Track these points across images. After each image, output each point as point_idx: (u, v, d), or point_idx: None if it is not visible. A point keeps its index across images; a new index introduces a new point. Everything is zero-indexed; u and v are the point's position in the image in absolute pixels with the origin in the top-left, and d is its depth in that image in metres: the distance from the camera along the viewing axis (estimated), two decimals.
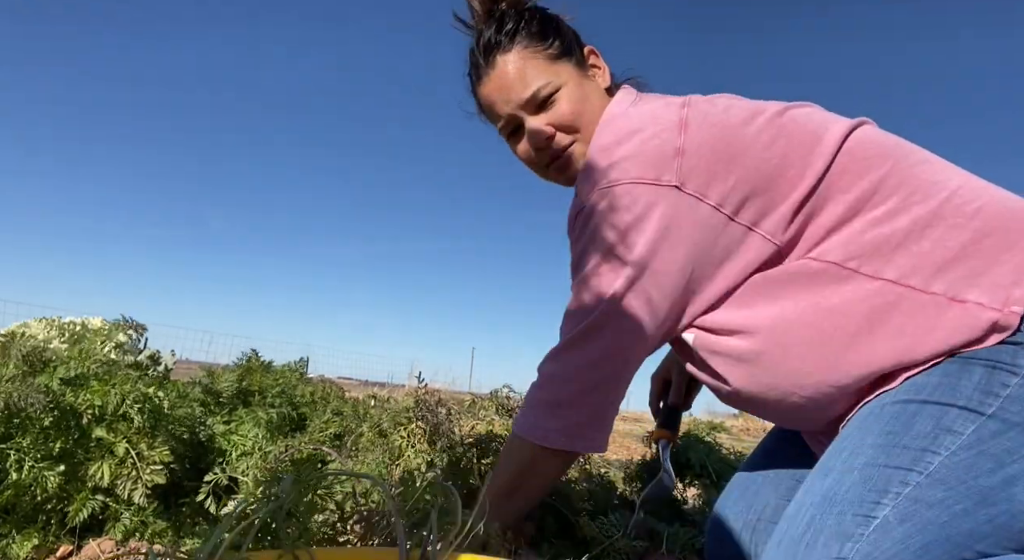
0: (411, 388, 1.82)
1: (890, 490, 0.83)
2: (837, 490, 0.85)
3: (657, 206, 0.97)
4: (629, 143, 1.01)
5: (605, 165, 1.02)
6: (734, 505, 1.23)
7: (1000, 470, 0.81)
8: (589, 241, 1.03)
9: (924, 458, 0.83)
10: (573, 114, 1.12)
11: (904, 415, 0.88)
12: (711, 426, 2.83)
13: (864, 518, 0.81)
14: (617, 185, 0.99)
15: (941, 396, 0.87)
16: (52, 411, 1.15)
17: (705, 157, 0.98)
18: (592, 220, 1.02)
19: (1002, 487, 0.81)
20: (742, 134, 0.99)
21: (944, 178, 0.96)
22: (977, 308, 0.88)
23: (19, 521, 1.14)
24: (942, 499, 0.81)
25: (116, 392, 1.19)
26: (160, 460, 1.16)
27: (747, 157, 0.98)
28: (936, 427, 0.85)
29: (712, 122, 1.00)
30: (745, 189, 0.98)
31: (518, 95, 1.13)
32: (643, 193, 0.98)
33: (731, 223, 0.99)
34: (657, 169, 0.98)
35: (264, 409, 1.53)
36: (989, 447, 0.83)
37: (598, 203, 1.01)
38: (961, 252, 0.91)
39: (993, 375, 0.86)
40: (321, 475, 1.01)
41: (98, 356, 1.33)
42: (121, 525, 1.18)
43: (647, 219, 0.98)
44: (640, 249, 0.98)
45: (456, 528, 0.92)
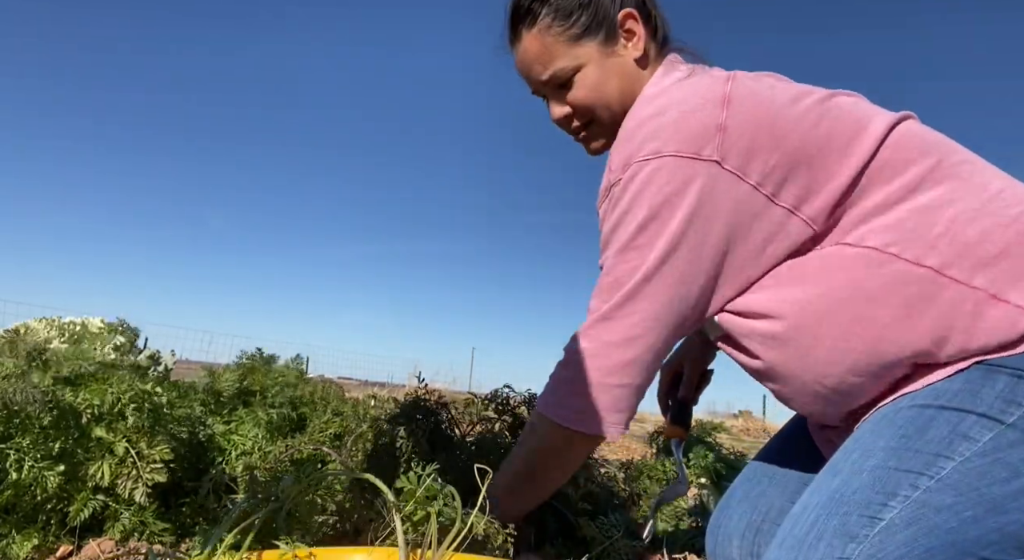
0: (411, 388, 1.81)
1: (899, 493, 0.81)
2: (844, 491, 0.84)
3: (695, 181, 0.94)
4: (668, 116, 0.98)
5: (642, 137, 0.98)
6: (738, 505, 1.22)
7: (1015, 480, 0.80)
8: (623, 214, 0.99)
9: (937, 463, 0.82)
10: (588, 99, 1.11)
11: (920, 419, 0.86)
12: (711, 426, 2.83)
13: (870, 520, 0.80)
14: (655, 158, 0.96)
15: (961, 402, 0.85)
16: (51, 411, 1.15)
17: (747, 135, 0.95)
18: (626, 193, 0.98)
19: (1015, 497, 0.80)
20: (787, 114, 0.96)
21: (986, 180, 0.94)
22: (1017, 311, 0.85)
23: (19, 521, 1.14)
24: (951, 505, 0.80)
25: (114, 391, 1.19)
26: (160, 458, 1.16)
27: (790, 138, 0.95)
28: (952, 433, 0.83)
29: (757, 100, 0.97)
30: (786, 171, 0.95)
31: (538, 76, 1.13)
32: (681, 167, 0.95)
33: (771, 205, 0.96)
34: (697, 143, 0.94)
35: (264, 409, 1.53)
36: (1006, 456, 0.81)
37: (634, 176, 0.97)
38: (1006, 249, 0.87)
39: (1019, 385, 0.83)
40: (321, 475, 1.01)
41: (97, 356, 1.33)
42: (120, 525, 1.18)
43: (684, 194, 0.95)
44: (676, 224, 0.95)
45: (456, 528, 0.92)
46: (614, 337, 1.01)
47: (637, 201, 0.97)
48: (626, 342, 1.00)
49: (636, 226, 0.98)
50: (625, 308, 1.00)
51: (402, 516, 0.90)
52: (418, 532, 0.90)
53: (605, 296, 1.02)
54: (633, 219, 0.98)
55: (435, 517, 0.89)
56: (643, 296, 0.99)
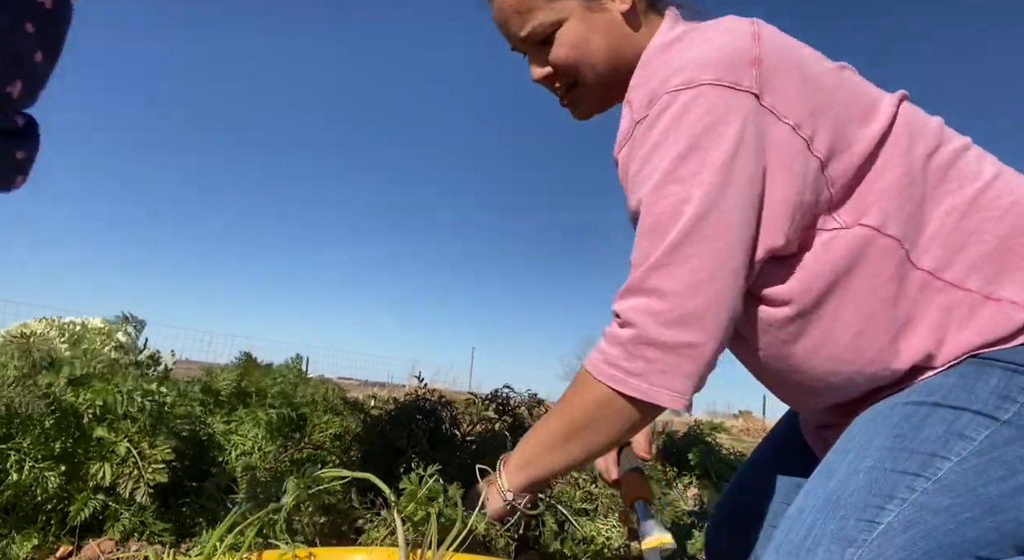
0: (411, 388, 1.81)
1: (896, 496, 0.80)
2: (841, 494, 0.83)
3: (738, 111, 0.85)
4: (697, 49, 0.89)
5: (669, 71, 0.89)
6: (735, 506, 1.22)
7: (1012, 478, 0.80)
8: (654, 147, 0.88)
9: (933, 463, 0.81)
10: (570, 57, 1.01)
11: (915, 417, 0.85)
12: (711, 426, 2.83)
13: (868, 524, 0.79)
14: (689, 87, 0.86)
15: (955, 399, 0.84)
16: (53, 412, 1.15)
17: (780, 73, 0.88)
18: (657, 125, 0.88)
19: (1012, 495, 0.79)
20: (813, 67, 0.91)
21: (979, 167, 0.93)
22: (1011, 307, 0.85)
23: (19, 521, 1.14)
24: (949, 506, 0.79)
25: (118, 391, 1.19)
26: (162, 458, 1.16)
27: (819, 92, 0.89)
28: (947, 431, 0.82)
29: (786, 43, 0.92)
30: (815, 122, 0.88)
31: (515, 31, 1.04)
32: (722, 95, 0.85)
33: (808, 152, 0.88)
34: (735, 73, 0.85)
35: (264, 409, 1.53)
36: (1002, 454, 0.80)
37: (666, 107, 0.87)
38: (999, 246, 0.87)
39: (1013, 379, 0.83)
40: (321, 475, 1.01)
41: (101, 356, 1.33)
42: (120, 525, 1.18)
43: (728, 122, 0.84)
44: (722, 155, 0.84)
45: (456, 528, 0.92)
46: (676, 284, 0.85)
47: (673, 131, 0.86)
48: (692, 289, 0.85)
49: (676, 156, 0.85)
50: (681, 250, 0.85)
51: (402, 516, 0.90)
52: (418, 532, 0.90)
53: (650, 240, 0.87)
54: (671, 150, 0.86)
55: (435, 517, 0.89)
56: (701, 236, 0.85)
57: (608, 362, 0.90)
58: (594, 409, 0.93)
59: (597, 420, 0.93)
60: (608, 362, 0.90)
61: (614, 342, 0.90)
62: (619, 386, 0.89)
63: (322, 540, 1.04)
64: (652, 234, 0.87)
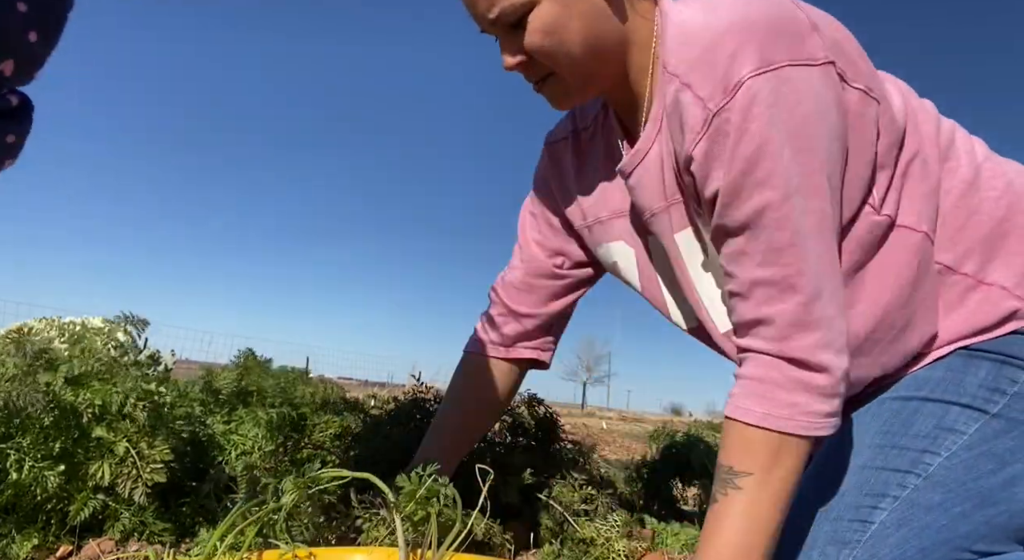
0: (411, 388, 1.81)
1: (888, 494, 0.80)
2: (832, 493, 0.83)
3: (823, 92, 0.78)
4: (749, 22, 0.78)
5: (730, 51, 0.77)
6: None
7: (1002, 470, 0.79)
8: (761, 148, 0.77)
9: (923, 459, 0.81)
10: (544, 45, 0.88)
11: (904, 413, 0.84)
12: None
13: (861, 524, 0.79)
14: (768, 70, 0.76)
15: (943, 393, 0.83)
16: (52, 411, 1.15)
17: (830, 35, 0.81)
18: (751, 121, 0.77)
19: (1003, 487, 0.79)
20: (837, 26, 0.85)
21: (971, 146, 0.91)
22: (1000, 293, 0.83)
23: (19, 521, 1.14)
24: (940, 502, 0.79)
25: (119, 390, 1.19)
26: (160, 458, 1.16)
27: (857, 53, 0.84)
28: (936, 427, 0.82)
29: (818, 11, 0.85)
30: (875, 86, 0.83)
31: (483, 14, 0.90)
32: (805, 78, 0.77)
33: (876, 119, 0.82)
34: (805, 46, 0.78)
35: (264, 409, 1.53)
36: (992, 447, 0.80)
37: (753, 99, 0.76)
38: (995, 229, 0.85)
39: (1001, 370, 0.82)
40: (321, 475, 1.01)
41: (100, 355, 1.33)
42: (120, 525, 1.18)
43: (821, 111, 0.77)
44: (824, 149, 0.78)
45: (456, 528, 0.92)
46: (838, 306, 0.79)
47: (773, 128, 0.77)
48: (843, 313, 0.80)
49: (789, 162, 0.78)
50: (833, 263, 0.79)
51: (402, 516, 0.90)
52: (418, 532, 0.90)
53: (796, 257, 0.78)
54: (780, 153, 0.77)
55: (435, 517, 0.89)
56: (835, 250, 0.80)
57: (810, 413, 0.77)
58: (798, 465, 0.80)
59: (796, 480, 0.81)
60: (810, 413, 0.77)
61: (814, 393, 0.77)
62: (816, 431, 0.77)
63: (322, 540, 1.04)
64: (792, 250, 0.78)
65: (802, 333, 0.77)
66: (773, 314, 0.78)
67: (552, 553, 1.29)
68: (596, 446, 1.72)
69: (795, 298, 0.77)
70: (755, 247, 0.79)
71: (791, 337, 0.78)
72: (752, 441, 0.78)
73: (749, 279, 0.80)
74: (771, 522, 0.77)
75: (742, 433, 0.79)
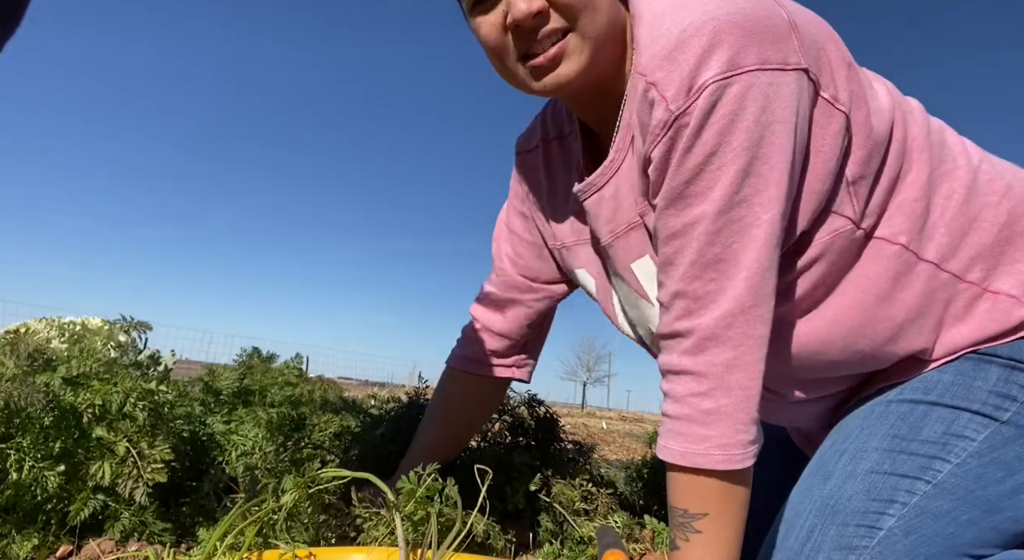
0: (411, 388, 1.82)
1: (896, 500, 0.79)
2: (839, 497, 0.82)
3: (789, 100, 0.74)
4: (725, 16, 0.73)
5: (701, 48, 0.73)
6: None
7: (1010, 478, 0.79)
8: (709, 157, 0.75)
9: (932, 466, 0.80)
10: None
11: (912, 417, 0.83)
12: None
13: (868, 529, 0.79)
14: (735, 73, 0.72)
15: (953, 398, 0.82)
16: (52, 411, 1.15)
17: (812, 35, 0.77)
18: (710, 127, 0.74)
19: (1009, 495, 0.79)
20: (820, 26, 0.82)
21: (964, 147, 0.89)
22: (1009, 301, 0.82)
23: (19, 521, 1.14)
24: (949, 510, 0.78)
25: (119, 390, 1.19)
26: (161, 458, 1.16)
27: (839, 56, 0.80)
28: (946, 432, 0.81)
29: (803, 9, 0.81)
30: (850, 93, 0.80)
31: None
32: (772, 83, 0.73)
33: (845, 131, 0.79)
34: (780, 49, 0.74)
35: (264, 409, 1.53)
36: (1001, 455, 0.79)
37: (714, 103, 0.73)
38: (998, 235, 0.83)
39: (1012, 376, 0.81)
40: (321, 475, 1.01)
41: (99, 355, 1.33)
42: (120, 525, 1.17)
43: (783, 120, 0.74)
44: (781, 163, 0.74)
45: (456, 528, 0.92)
46: (764, 327, 0.77)
47: (729, 137, 0.74)
48: (770, 328, 0.78)
49: (737, 172, 0.74)
50: (766, 284, 0.76)
51: (402, 516, 0.90)
52: (418, 532, 0.90)
53: (724, 274, 0.76)
54: (730, 163, 0.74)
55: (435, 517, 0.89)
56: (774, 263, 0.77)
57: (730, 444, 0.77)
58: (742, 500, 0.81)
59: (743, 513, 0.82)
60: (730, 444, 0.77)
61: (714, 415, 0.77)
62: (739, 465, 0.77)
63: (322, 540, 1.04)
64: (720, 265, 0.76)
65: (717, 348, 0.76)
66: (691, 327, 0.77)
67: (552, 553, 1.29)
68: (596, 446, 1.72)
69: (714, 313, 0.76)
70: (682, 258, 0.78)
71: (705, 351, 0.77)
72: (697, 482, 0.78)
73: (673, 290, 0.79)
74: (733, 548, 0.78)
75: (680, 476, 0.80)
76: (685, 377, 0.79)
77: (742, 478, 0.78)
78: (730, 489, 0.77)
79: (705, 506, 0.77)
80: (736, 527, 0.78)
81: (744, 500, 0.79)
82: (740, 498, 0.78)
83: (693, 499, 0.78)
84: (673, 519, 0.81)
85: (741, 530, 0.79)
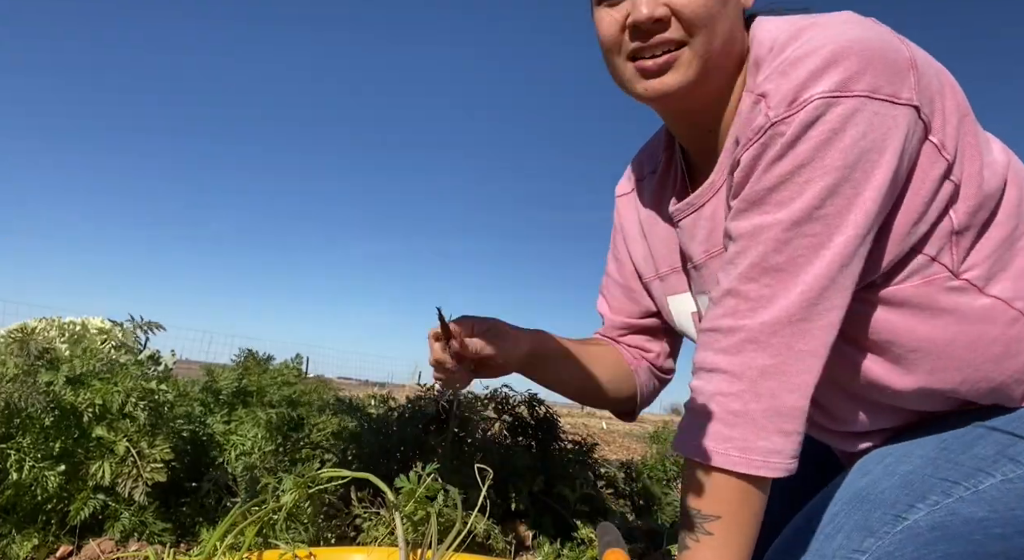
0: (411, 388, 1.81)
1: (929, 497, 0.79)
2: (872, 490, 0.81)
3: (894, 133, 0.73)
4: (846, 43, 0.74)
5: (815, 65, 0.74)
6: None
7: None
8: (798, 168, 0.74)
9: (976, 476, 0.79)
10: (703, 7, 0.82)
11: (967, 436, 0.83)
12: None
13: (894, 518, 0.78)
14: (844, 96, 0.72)
15: (1015, 428, 0.82)
16: (52, 411, 1.15)
17: (931, 79, 0.77)
18: (804, 140, 0.74)
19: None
20: (945, 73, 0.81)
21: None
22: None
23: (19, 521, 1.14)
24: (982, 519, 0.77)
25: (119, 390, 1.20)
26: (161, 458, 1.16)
27: (955, 105, 0.79)
28: (999, 454, 0.80)
29: (929, 57, 0.80)
30: (958, 141, 0.78)
31: None
32: (879, 113, 0.72)
33: (947, 179, 0.77)
34: (894, 82, 0.73)
35: (264, 409, 1.53)
36: None
37: (816, 118, 0.73)
38: None
39: None
40: (321, 475, 1.01)
41: (100, 355, 1.33)
42: (120, 525, 1.18)
43: (884, 150, 0.73)
44: (873, 191, 0.73)
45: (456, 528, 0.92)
46: (809, 344, 0.75)
47: (823, 154, 0.73)
48: (821, 350, 0.75)
49: (823, 189, 0.73)
50: (822, 303, 0.74)
51: (402, 516, 0.90)
52: (418, 532, 0.90)
53: (782, 283, 0.75)
54: (819, 179, 0.73)
55: (435, 517, 0.89)
56: (840, 287, 0.75)
57: (738, 447, 0.76)
58: (735, 505, 0.79)
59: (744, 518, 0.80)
60: (738, 447, 0.76)
61: (730, 416, 0.76)
62: (758, 470, 0.75)
63: (322, 540, 1.04)
64: (777, 274, 0.75)
65: (756, 353, 0.75)
66: (735, 326, 0.77)
67: (552, 553, 1.29)
68: (596, 446, 1.71)
69: (762, 317, 0.75)
70: (744, 259, 0.78)
71: (743, 352, 0.76)
72: (714, 483, 0.77)
73: (727, 287, 0.79)
74: (743, 555, 0.77)
75: (697, 474, 0.79)
76: (718, 375, 0.78)
77: (760, 486, 0.76)
78: (747, 495, 0.76)
79: (719, 508, 0.76)
80: (748, 535, 0.77)
81: (759, 510, 0.78)
82: (755, 506, 0.77)
83: (708, 500, 0.77)
84: (685, 518, 0.80)
85: (752, 539, 0.78)
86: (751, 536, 0.78)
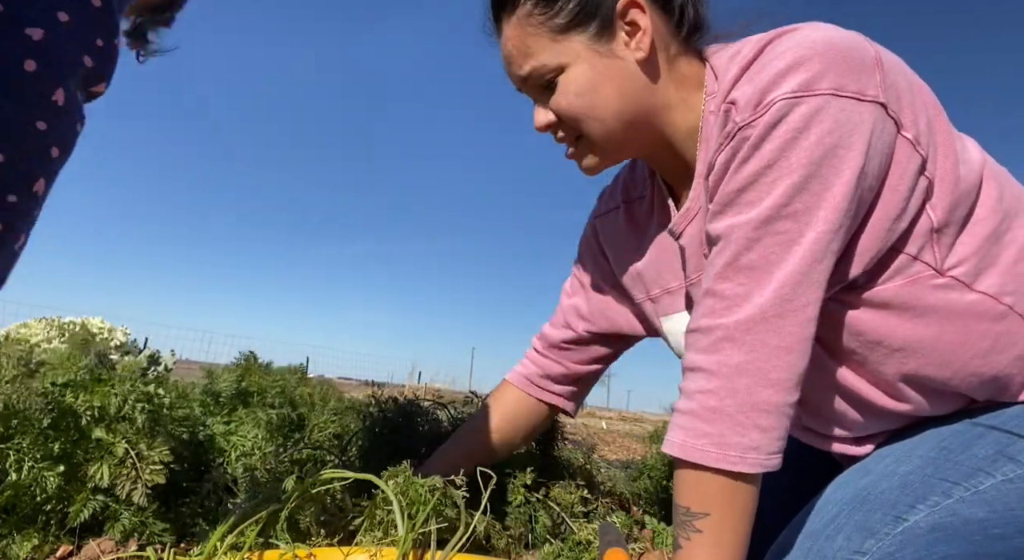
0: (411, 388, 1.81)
1: (930, 498, 0.79)
2: (872, 490, 0.82)
3: (861, 129, 0.74)
4: (810, 47, 0.75)
5: (781, 68, 0.76)
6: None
7: None
8: (765, 168, 0.76)
9: (976, 477, 0.79)
10: (572, 108, 0.90)
11: (966, 435, 0.84)
12: None
13: (895, 519, 0.78)
14: (808, 95, 0.74)
15: (1014, 426, 0.82)
16: (51, 412, 1.15)
17: (896, 79, 0.78)
18: (769, 140, 0.75)
19: None
20: (912, 73, 0.82)
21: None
22: None
23: (19, 521, 1.14)
24: (982, 519, 0.78)
25: (117, 392, 1.19)
26: (160, 460, 1.16)
27: (925, 102, 0.80)
28: (998, 453, 0.80)
29: (897, 58, 0.82)
30: (930, 137, 0.79)
31: (516, 73, 0.94)
32: (845, 110, 0.74)
33: (923, 175, 0.79)
34: (859, 80, 0.75)
35: (264, 410, 1.53)
36: None
37: (780, 118, 0.75)
38: None
39: None
40: (321, 476, 1.01)
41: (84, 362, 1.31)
42: (120, 525, 1.18)
43: (850, 146, 0.74)
44: (842, 186, 0.74)
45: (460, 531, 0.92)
46: (784, 340, 0.75)
47: (789, 152, 0.74)
48: (798, 346, 0.76)
49: (791, 186, 0.75)
50: (796, 299, 0.75)
51: (403, 516, 0.90)
52: (419, 533, 0.90)
53: (756, 281, 0.76)
54: (786, 177, 0.75)
55: (435, 517, 0.89)
56: (813, 283, 0.75)
57: (716, 443, 0.77)
58: (723, 500, 0.79)
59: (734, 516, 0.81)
60: (716, 443, 0.77)
61: (707, 412, 0.77)
62: (734, 466, 0.76)
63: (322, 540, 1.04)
64: (751, 272, 0.77)
65: (732, 350, 0.76)
66: (712, 325, 0.78)
67: (552, 553, 1.29)
68: (596, 446, 1.72)
69: (737, 316, 0.76)
70: (720, 259, 0.79)
71: (720, 350, 0.77)
72: (700, 480, 0.78)
73: (705, 288, 0.81)
74: (736, 553, 0.78)
75: (685, 473, 0.80)
76: (698, 374, 0.79)
77: (745, 482, 0.77)
78: (733, 491, 0.77)
79: (707, 506, 0.77)
80: (740, 532, 0.78)
81: (748, 506, 0.78)
82: (743, 502, 0.78)
83: (695, 497, 0.78)
84: (676, 517, 0.81)
85: (745, 536, 0.78)
86: (743, 533, 0.78)
